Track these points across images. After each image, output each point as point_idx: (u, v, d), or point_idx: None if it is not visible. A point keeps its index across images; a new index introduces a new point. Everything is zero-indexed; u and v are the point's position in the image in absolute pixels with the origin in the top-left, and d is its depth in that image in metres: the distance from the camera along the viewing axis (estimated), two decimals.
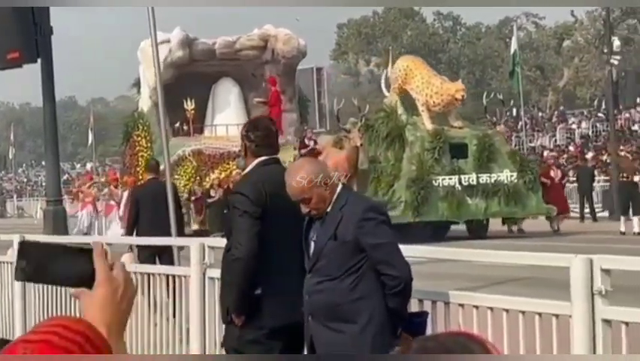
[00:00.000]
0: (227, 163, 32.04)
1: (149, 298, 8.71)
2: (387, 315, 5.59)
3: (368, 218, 5.61)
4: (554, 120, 60.71)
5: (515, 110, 53.59)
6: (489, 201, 27.15)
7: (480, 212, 27.27)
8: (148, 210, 13.90)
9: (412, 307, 5.95)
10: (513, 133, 50.23)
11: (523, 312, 5.61)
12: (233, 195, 6.58)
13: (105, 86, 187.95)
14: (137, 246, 12.38)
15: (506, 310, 5.71)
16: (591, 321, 5.15)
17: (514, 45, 40.39)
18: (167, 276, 8.51)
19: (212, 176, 31.27)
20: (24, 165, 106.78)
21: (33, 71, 14.77)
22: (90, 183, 32.65)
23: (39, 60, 14.56)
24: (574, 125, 57.49)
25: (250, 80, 34.98)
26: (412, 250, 6.03)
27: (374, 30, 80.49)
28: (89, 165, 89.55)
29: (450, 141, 27.29)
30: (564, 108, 66.29)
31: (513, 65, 39.67)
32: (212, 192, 29.86)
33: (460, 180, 26.97)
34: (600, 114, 56.89)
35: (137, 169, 31.01)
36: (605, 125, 50.07)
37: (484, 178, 27.20)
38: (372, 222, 5.61)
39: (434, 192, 26.60)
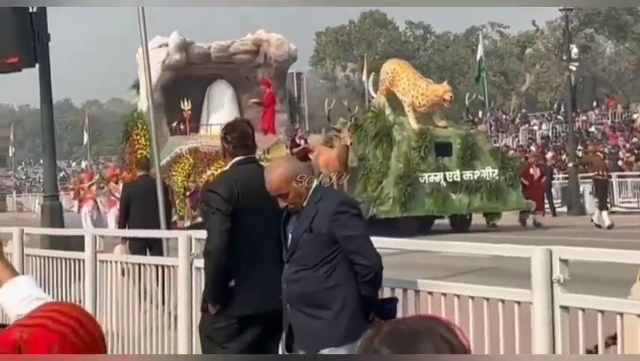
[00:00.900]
0: (222, 160, 31.84)
1: (139, 287, 8.69)
2: (360, 301, 5.62)
3: (342, 212, 5.64)
4: (517, 122, 60.82)
5: (481, 113, 53.68)
6: (472, 196, 27.18)
7: (463, 207, 27.30)
8: (139, 204, 13.89)
9: (384, 295, 5.98)
10: None
11: (487, 299, 5.63)
12: (207, 194, 6.62)
13: (99, 89, 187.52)
14: (128, 238, 12.33)
15: (472, 297, 5.74)
16: (550, 307, 5.17)
17: (480, 52, 40.54)
18: (157, 266, 8.49)
19: (208, 172, 31.15)
20: (23, 163, 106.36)
21: (31, 75, 14.71)
22: (90, 183, 32.45)
23: (37, 65, 14.50)
24: (535, 127, 57.62)
25: (243, 83, 34.88)
26: (383, 241, 6.04)
27: (350, 38, 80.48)
28: (83, 163, 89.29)
29: (435, 139, 27.31)
30: (526, 111, 66.39)
31: (479, 71, 39.81)
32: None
33: (445, 176, 27.00)
34: (559, 117, 57.01)
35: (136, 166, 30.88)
36: (564, 127, 50.21)
37: (467, 175, 27.23)
38: (346, 215, 5.64)
39: (420, 188, 26.62)
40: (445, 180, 26.94)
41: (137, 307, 8.71)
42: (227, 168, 6.63)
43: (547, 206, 33.12)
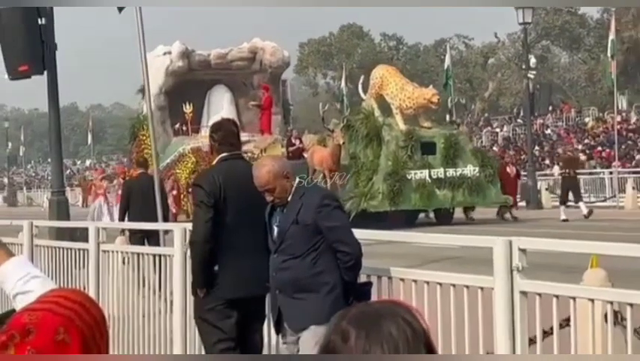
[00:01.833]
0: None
1: (138, 275, 8.67)
2: (343, 285, 5.65)
3: (325, 204, 5.67)
4: (481, 125, 61.03)
5: (448, 117, 53.78)
6: (455, 192, 27.14)
7: (447, 201, 27.26)
8: (138, 199, 13.87)
9: (360, 281, 5.99)
10: None
11: (454, 285, 5.64)
12: (192, 187, 6.64)
13: (102, 94, 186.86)
14: (128, 230, 12.31)
15: (440, 283, 5.74)
16: (510, 293, 5.18)
17: (447, 62, 40.40)
18: (154, 255, 8.47)
19: None
20: (32, 162, 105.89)
21: (40, 81, 14.66)
22: (102, 177, 32.31)
23: (45, 72, 14.47)
24: (497, 129, 57.83)
25: (241, 87, 34.81)
26: (360, 233, 6.05)
27: (330, 48, 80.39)
28: (88, 162, 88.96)
29: (421, 139, 27.27)
30: (489, 115, 66.60)
31: (446, 79, 39.68)
32: None
33: (430, 173, 26.96)
34: (519, 120, 57.25)
35: None
36: (523, 130, 50.42)
37: (450, 172, 27.19)
38: (329, 208, 5.68)
39: (407, 184, 26.58)
40: (430, 176, 26.91)
41: (137, 293, 8.69)
42: (213, 164, 6.66)
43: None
